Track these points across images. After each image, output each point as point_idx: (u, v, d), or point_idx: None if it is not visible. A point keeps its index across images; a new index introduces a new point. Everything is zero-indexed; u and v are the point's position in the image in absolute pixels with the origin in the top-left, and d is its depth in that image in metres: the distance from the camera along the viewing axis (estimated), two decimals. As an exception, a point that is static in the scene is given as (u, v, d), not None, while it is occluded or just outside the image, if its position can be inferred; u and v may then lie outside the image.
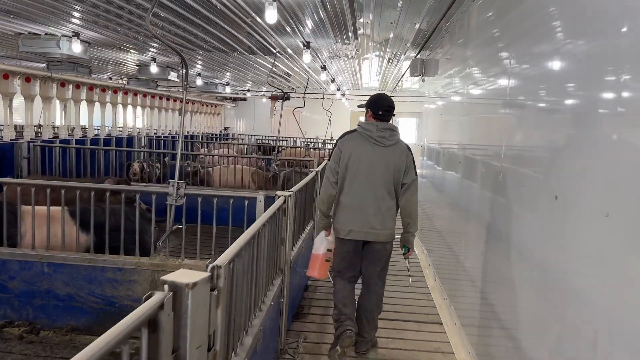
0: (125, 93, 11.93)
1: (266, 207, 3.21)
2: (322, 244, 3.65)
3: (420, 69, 7.13)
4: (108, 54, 9.83)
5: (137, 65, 11.05)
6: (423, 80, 7.41)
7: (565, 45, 2.20)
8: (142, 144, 11.70)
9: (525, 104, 2.73)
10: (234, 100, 19.36)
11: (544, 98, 2.44)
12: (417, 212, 3.56)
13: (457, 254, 4.37)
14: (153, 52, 9.27)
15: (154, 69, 9.81)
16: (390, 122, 3.60)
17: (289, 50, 8.11)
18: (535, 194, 2.39)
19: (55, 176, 7.97)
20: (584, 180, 1.87)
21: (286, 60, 9.62)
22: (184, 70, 3.77)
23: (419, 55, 7.46)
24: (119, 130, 12.12)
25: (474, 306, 3.64)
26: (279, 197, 3.38)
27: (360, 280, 3.71)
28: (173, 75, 11.40)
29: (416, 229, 3.60)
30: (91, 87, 10.56)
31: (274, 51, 7.23)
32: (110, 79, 15.17)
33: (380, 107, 3.54)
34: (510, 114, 2.93)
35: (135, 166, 8.38)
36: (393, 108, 3.57)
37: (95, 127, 11.51)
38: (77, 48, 7.07)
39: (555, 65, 2.29)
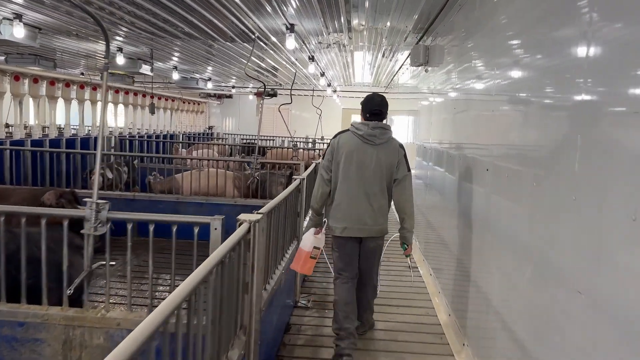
0: (94, 89, 10.81)
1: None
2: (310, 240, 3.60)
3: (423, 57, 6.14)
4: (70, 44, 8.73)
5: (104, 58, 9.96)
6: (426, 71, 6.40)
7: None
8: (112, 145, 10.60)
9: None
10: (219, 97, 18.25)
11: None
12: (412, 207, 3.60)
13: (479, 285, 3.37)
14: (118, 41, 8.19)
15: (120, 60, 8.70)
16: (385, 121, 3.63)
17: (273, 38, 7.07)
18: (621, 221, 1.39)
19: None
20: None
21: (271, 51, 8.58)
22: (106, 45, 2.73)
23: (421, 42, 6.46)
24: (88, 130, 11.01)
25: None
26: (241, 223, 2.36)
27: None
28: (146, 69, 10.32)
29: (412, 224, 3.62)
30: (52, 82, 9.46)
31: (253, 37, 6.19)
32: (83, 74, 14.06)
33: (368, 110, 3.60)
34: (587, 107, 1.93)
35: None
36: (382, 110, 3.59)
37: (59, 127, 10.39)
38: (19, 33, 5.98)
39: None
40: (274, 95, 13.85)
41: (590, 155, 1.86)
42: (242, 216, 2.43)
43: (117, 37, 7.90)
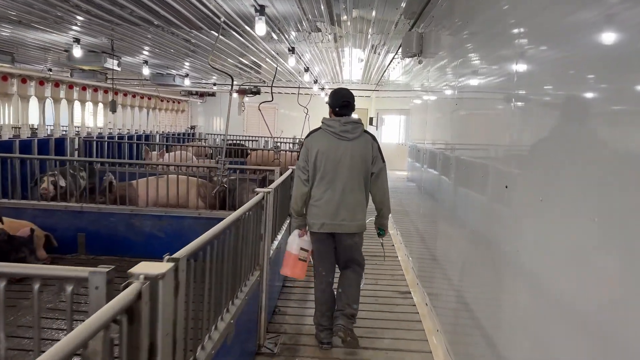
0: (57, 85, 9.84)
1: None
2: (295, 242, 3.65)
3: (416, 46, 5.31)
4: (25, 35, 7.81)
5: (64, 51, 9.03)
6: (420, 62, 5.55)
7: None
8: (76, 147, 9.65)
9: None
10: (201, 95, 17.31)
11: None
12: (389, 197, 3.66)
13: (494, 343, 2.52)
14: (75, 30, 7.27)
15: (77, 52, 7.79)
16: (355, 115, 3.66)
17: (246, 27, 6.19)
18: None
19: None
20: None
21: (248, 44, 7.69)
22: None
23: (414, 29, 5.61)
24: (50, 130, 10.06)
25: None
26: (127, 283, 1.48)
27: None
28: (112, 63, 9.41)
29: (389, 211, 3.73)
30: (5, 77, 8.50)
31: (219, 21, 5.31)
32: (50, 70, 13.09)
33: (337, 104, 3.58)
34: None
35: (46, 181, 6.24)
36: (350, 102, 3.58)
37: (14, 127, 9.41)
38: (-59, 16, 5.06)
39: None
40: (257, 92, 12.96)
41: None
42: (138, 268, 1.55)
43: (72, 27, 7.00)
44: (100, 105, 11.52)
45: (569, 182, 1.74)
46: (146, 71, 10.34)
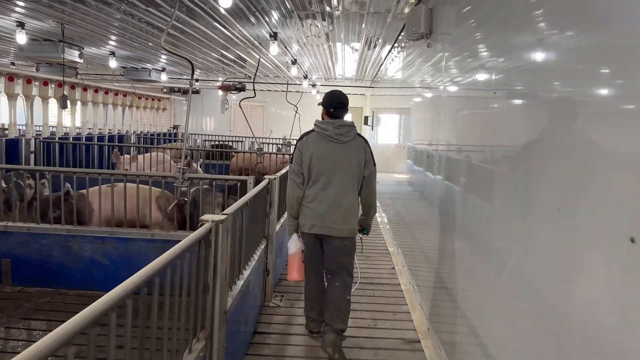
0: (11, 79, 8.69)
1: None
2: (298, 245, 3.61)
3: (424, 24, 4.28)
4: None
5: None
6: (429, 46, 4.45)
7: None
8: (32, 149, 8.49)
9: None
10: (184, 92, 16.16)
11: None
12: (376, 198, 3.73)
13: None
14: (18, 12, 6.13)
15: (22, 38, 6.63)
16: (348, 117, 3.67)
17: (214, 3, 5.08)
18: None
19: None
20: None
21: (222, 27, 6.58)
22: None
23: (421, 4, 4.52)
24: (2, 129, 8.92)
25: None
26: None
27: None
28: (72, 54, 8.29)
29: (375, 212, 3.78)
30: (-57, 69, 7.36)
31: (176, -8, 4.19)
32: (13, 64, 11.93)
33: (331, 105, 3.58)
34: None
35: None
36: (344, 104, 3.59)
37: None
38: None
39: None
40: (242, 89, 11.86)
41: None
42: None
43: (16, 8, 5.87)
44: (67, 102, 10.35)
45: None
46: (113, 64, 9.21)
